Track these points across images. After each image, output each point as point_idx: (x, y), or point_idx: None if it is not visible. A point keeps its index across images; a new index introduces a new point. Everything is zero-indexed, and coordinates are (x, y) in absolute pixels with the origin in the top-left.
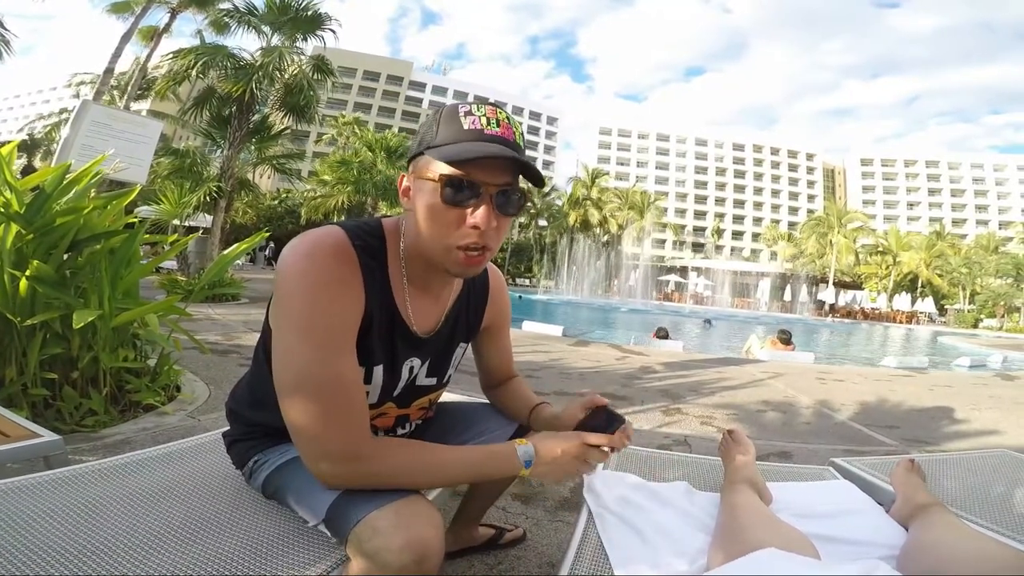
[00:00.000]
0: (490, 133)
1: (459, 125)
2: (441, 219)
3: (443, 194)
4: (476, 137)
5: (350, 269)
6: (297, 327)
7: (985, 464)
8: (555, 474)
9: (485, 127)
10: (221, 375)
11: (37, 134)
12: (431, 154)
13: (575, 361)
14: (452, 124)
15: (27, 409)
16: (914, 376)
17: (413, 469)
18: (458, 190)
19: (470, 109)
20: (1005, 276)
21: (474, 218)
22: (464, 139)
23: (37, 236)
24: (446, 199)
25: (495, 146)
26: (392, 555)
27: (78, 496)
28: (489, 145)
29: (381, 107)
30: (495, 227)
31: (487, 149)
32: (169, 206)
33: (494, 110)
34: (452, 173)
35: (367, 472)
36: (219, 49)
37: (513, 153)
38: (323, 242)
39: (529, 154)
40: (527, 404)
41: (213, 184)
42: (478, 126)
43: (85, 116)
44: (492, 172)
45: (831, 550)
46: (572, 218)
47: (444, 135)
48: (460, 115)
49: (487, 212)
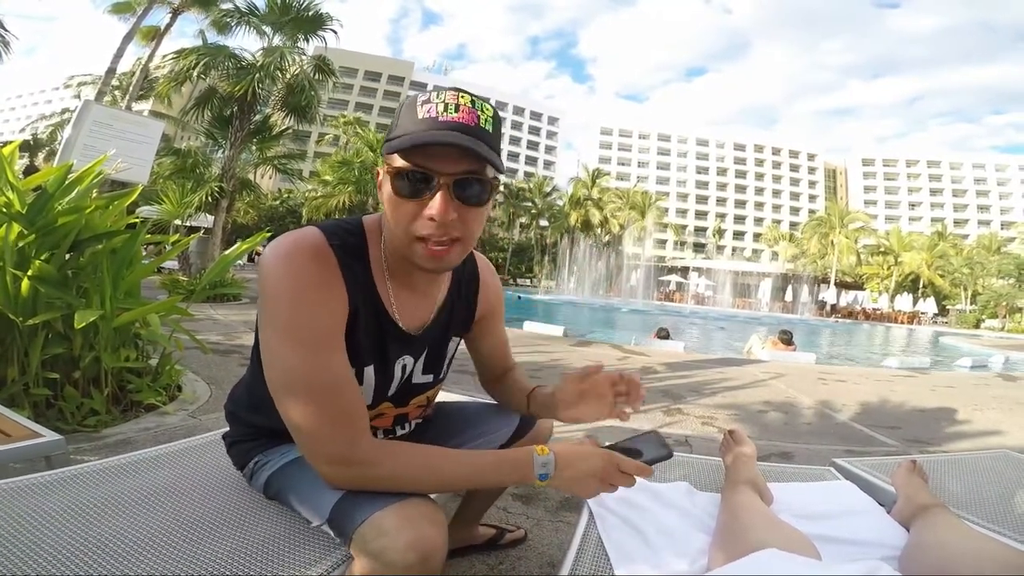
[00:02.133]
0: (446, 120)
1: (415, 115)
2: (398, 211)
3: (395, 186)
4: (429, 126)
5: (329, 269)
6: (281, 330)
7: (986, 465)
8: (571, 489)
9: (441, 114)
10: (222, 375)
11: (39, 134)
12: (386, 147)
13: (576, 362)
14: (409, 114)
15: (29, 409)
16: (915, 376)
17: (417, 474)
18: (409, 181)
19: (428, 97)
20: (1007, 276)
21: (429, 209)
22: (417, 128)
23: (39, 236)
24: (398, 191)
25: (444, 133)
26: (397, 555)
27: (79, 496)
28: (437, 133)
29: (383, 107)
30: (456, 218)
31: (432, 136)
32: (171, 206)
33: (456, 94)
34: (402, 165)
35: (369, 475)
36: (221, 49)
37: (463, 139)
38: (300, 244)
39: (530, 154)
40: (524, 391)
41: (215, 184)
42: (433, 114)
43: (87, 116)
44: (446, 161)
45: (832, 551)
46: (573, 218)
47: (401, 126)
48: (418, 104)
49: (443, 202)
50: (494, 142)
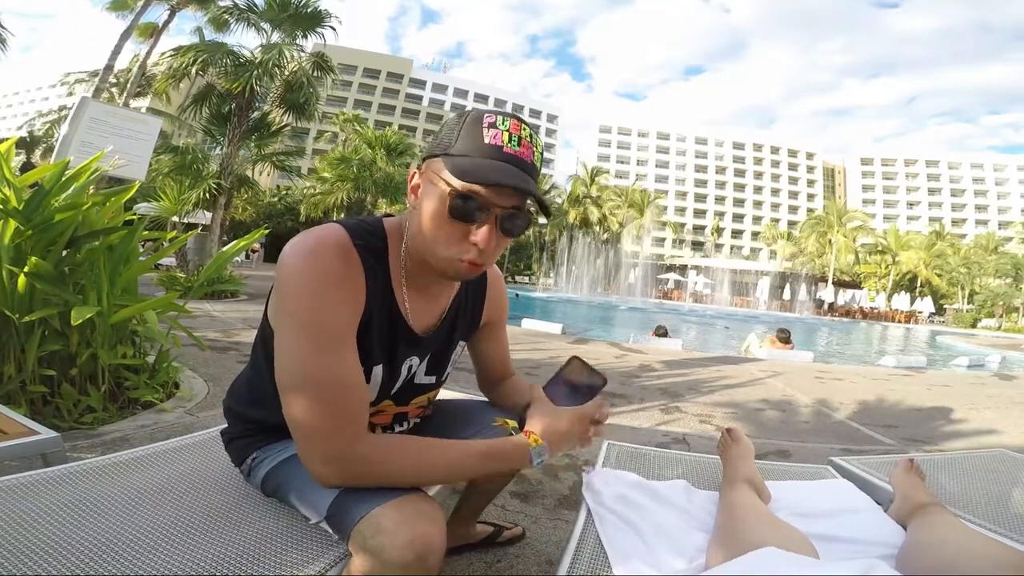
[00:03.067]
0: (509, 152)
1: (480, 137)
2: (444, 229)
3: (450, 206)
4: (494, 155)
5: (353, 268)
6: (299, 326)
7: (983, 464)
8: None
9: (505, 144)
10: (220, 372)
11: (36, 131)
12: (446, 162)
13: None
14: (473, 134)
15: (25, 406)
16: (912, 375)
17: (414, 467)
18: (466, 206)
19: (495, 121)
20: (1004, 276)
21: (476, 236)
22: (482, 154)
23: (36, 232)
24: (453, 212)
25: (509, 168)
26: (395, 552)
27: (76, 493)
28: (504, 166)
29: (381, 104)
30: (494, 247)
31: (501, 174)
32: (168, 203)
33: (518, 126)
34: (462, 188)
35: (367, 472)
36: (219, 46)
37: (526, 184)
38: (325, 241)
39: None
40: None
41: (212, 181)
42: (498, 142)
43: (84, 113)
44: (502, 194)
45: (829, 549)
46: (572, 216)
47: (463, 144)
48: (483, 126)
49: (490, 232)
50: (538, 176)
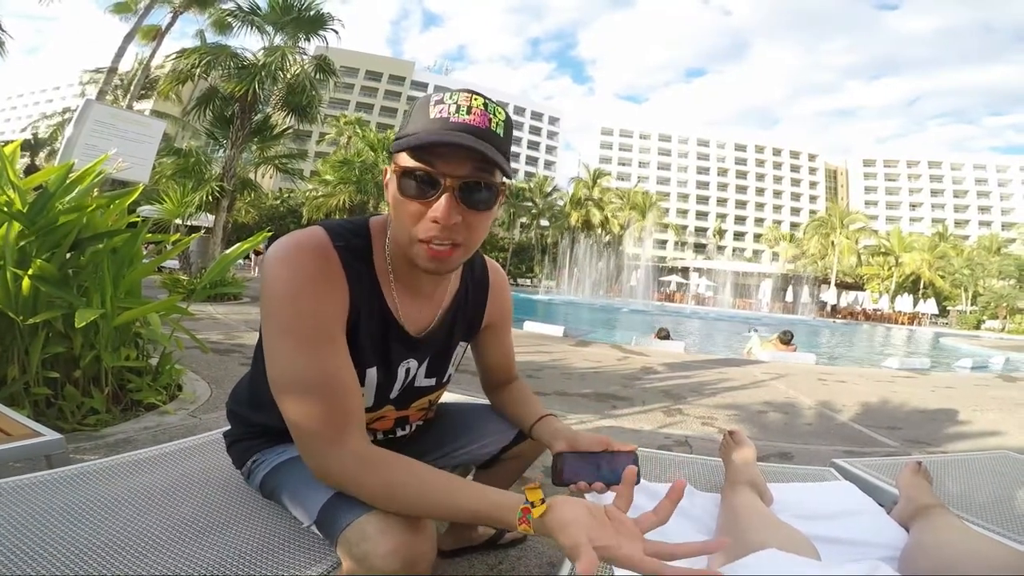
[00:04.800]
0: (457, 121)
1: (427, 115)
2: (403, 212)
3: (400, 186)
4: (440, 126)
5: (332, 269)
6: (281, 328)
7: (986, 465)
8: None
9: (452, 115)
10: (222, 374)
11: (40, 134)
12: (394, 145)
13: (576, 361)
14: (421, 114)
15: (29, 408)
16: (916, 377)
17: (405, 494)
18: (415, 182)
19: (442, 98)
20: (1008, 278)
21: (433, 211)
22: (427, 128)
23: (40, 235)
24: (403, 191)
25: (451, 133)
26: (380, 560)
27: (79, 495)
28: (445, 133)
29: (383, 107)
30: (460, 222)
31: (440, 136)
32: (171, 205)
33: (469, 97)
34: (409, 165)
35: (356, 480)
36: (222, 49)
37: (470, 140)
38: (303, 243)
39: (530, 154)
40: (531, 413)
41: (215, 184)
42: (444, 114)
43: (88, 115)
44: (454, 163)
45: (832, 551)
46: (574, 218)
47: (412, 125)
48: (431, 104)
49: (447, 205)
50: (504, 146)
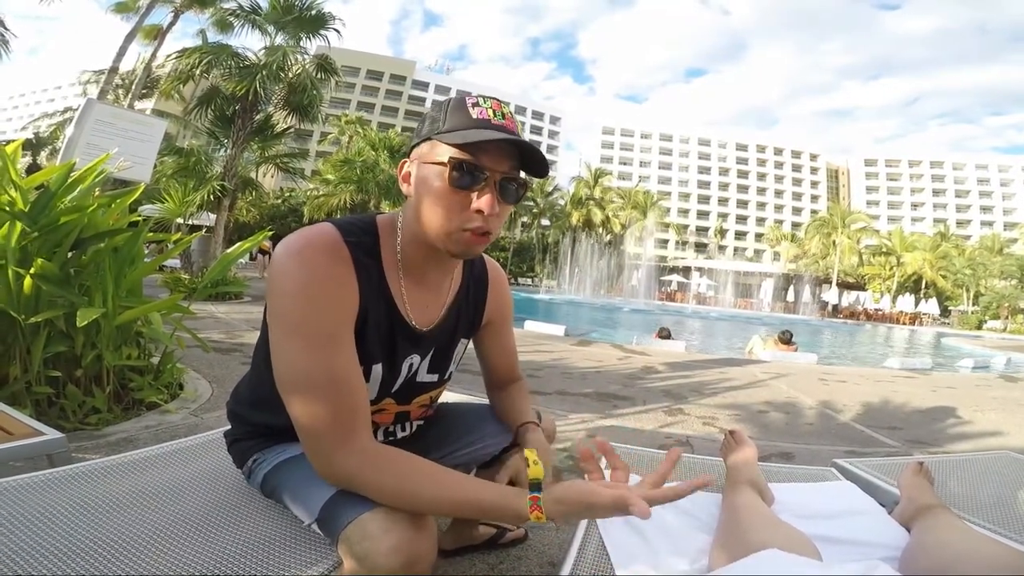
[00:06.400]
0: (497, 124)
1: (468, 114)
2: (446, 202)
3: (450, 177)
4: (485, 126)
5: (343, 266)
6: (289, 326)
7: (987, 466)
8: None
9: (492, 118)
10: (224, 373)
11: (42, 133)
12: (440, 139)
13: (577, 361)
14: (460, 113)
15: (31, 407)
16: (917, 377)
17: (412, 490)
18: (466, 173)
19: (477, 100)
20: (1009, 278)
21: (479, 203)
22: (473, 127)
23: (42, 234)
24: (453, 182)
25: (506, 134)
26: (381, 558)
27: (81, 494)
28: (498, 132)
29: (384, 106)
30: (497, 213)
31: (498, 134)
32: (173, 205)
33: (498, 104)
34: (461, 157)
35: (362, 478)
36: (223, 48)
37: (522, 140)
38: (315, 240)
39: None
40: (514, 421)
41: (216, 183)
42: (485, 116)
43: (90, 115)
44: (498, 159)
45: (833, 551)
46: (575, 218)
47: (452, 123)
48: (468, 105)
49: (492, 198)
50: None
